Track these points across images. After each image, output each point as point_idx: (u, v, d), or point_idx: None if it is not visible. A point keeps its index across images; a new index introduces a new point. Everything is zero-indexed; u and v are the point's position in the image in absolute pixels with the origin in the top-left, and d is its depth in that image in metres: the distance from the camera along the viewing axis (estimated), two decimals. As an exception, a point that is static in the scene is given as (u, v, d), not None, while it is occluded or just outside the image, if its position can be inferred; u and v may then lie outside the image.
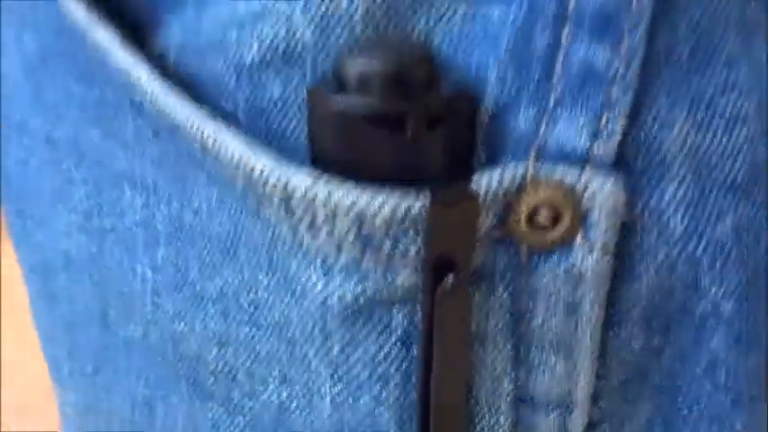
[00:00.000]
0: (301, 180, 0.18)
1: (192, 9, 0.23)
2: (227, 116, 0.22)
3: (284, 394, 0.22)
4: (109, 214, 0.26)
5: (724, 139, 0.19)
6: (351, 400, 0.21)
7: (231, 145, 0.19)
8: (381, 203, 0.17)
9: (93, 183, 0.26)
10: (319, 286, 0.19)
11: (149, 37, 0.24)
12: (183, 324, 0.24)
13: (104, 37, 0.23)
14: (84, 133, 0.25)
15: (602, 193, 0.18)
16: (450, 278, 0.18)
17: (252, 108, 0.21)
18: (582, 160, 0.18)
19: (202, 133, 0.20)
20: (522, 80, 0.18)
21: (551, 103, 0.18)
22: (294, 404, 0.22)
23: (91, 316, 0.28)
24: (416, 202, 0.17)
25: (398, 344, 0.20)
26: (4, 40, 0.28)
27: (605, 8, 0.18)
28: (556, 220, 0.18)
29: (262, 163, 0.18)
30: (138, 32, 0.24)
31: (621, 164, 0.19)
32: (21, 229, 0.30)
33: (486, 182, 0.18)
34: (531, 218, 0.18)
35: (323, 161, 0.18)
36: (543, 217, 0.18)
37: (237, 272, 0.22)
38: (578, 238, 0.19)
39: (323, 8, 0.20)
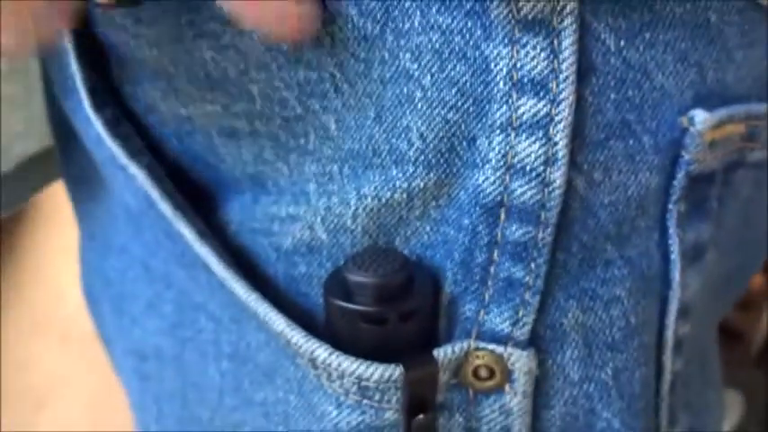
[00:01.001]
0: (321, 352, 0.27)
1: (249, 195, 0.32)
2: (268, 279, 0.31)
3: None
4: (189, 329, 0.35)
5: (603, 315, 0.28)
6: None
7: (276, 320, 0.28)
8: (372, 371, 0.26)
9: (178, 304, 0.35)
10: (333, 414, 0.28)
11: (214, 209, 0.33)
12: (239, 415, 0.33)
13: (177, 218, 0.31)
14: (173, 270, 0.35)
15: (520, 360, 0.27)
16: (420, 417, 0.27)
17: (286, 276, 0.30)
18: (506, 339, 0.27)
19: (254, 305, 0.29)
20: (468, 282, 0.27)
21: (486, 301, 0.27)
22: None
23: (173, 394, 0.37)
24: (396, 370, 0.26)
25: None
26: (112, 190, 0.37)
27: (521, 239, 0.26)
28: (491, 374, 0.27)
29: (297, 337, 0.27)
30: (201, 201, 0.33)
31: (534, 339, 0.27)
32: (117, 322, 0.40)
33: (443, 353, 0.27)
34: (475, 372, 0.27)
35: (334, 333, 0.27)
36: (482, 372, 0.27)
37: (275, 391, 0.31)
38: (507, 387, 0.28)
39: (335, 222, 0.28)
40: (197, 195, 0.33)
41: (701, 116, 0.26)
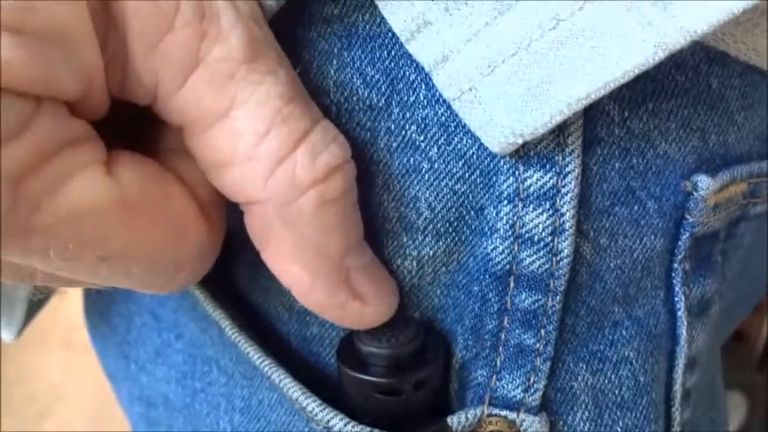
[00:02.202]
0: (337, 422, 0.27)
1: (255, 254, 0.32)
2: (281, 337, 0.31)
3: None
4: (200, 380, 0.35)
5: (612, 376, 0.28)
6: None
7: (291, 387, 0.28)
8: None
9: (189, 355, 0.35)
10: None
11: (226, 264, 0.33)
12: None
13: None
14: (183, 322, 0.35)
15: (532, 426, 0.27)
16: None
17: (299, 335, 0.31)
18: (519, 405, 0.27)
19: (268, 371, 0.29)
20: (479, 348, 0.27)
21: (498, 367, 0.27)
22: None
23: (184, 442, 0.38)
24: None
25: None
26: None
27: (530, 307, 0.26)
28: None
29: (312, 405, 0.28)
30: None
31: (545, 403, 0.28)
32: (125, 367, 0.40)
33: (456, 420, 0.27)
34: (489, 437, 0.28)
35: (348, 400, 0.28)
36: (496, 437, 0.28)
37: None
38: (520, 451, 0.28)
39: None
40: None
41: (704, 182, 0.27)
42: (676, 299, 0.29)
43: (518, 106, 0.23)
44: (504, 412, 0.27)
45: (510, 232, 0.26)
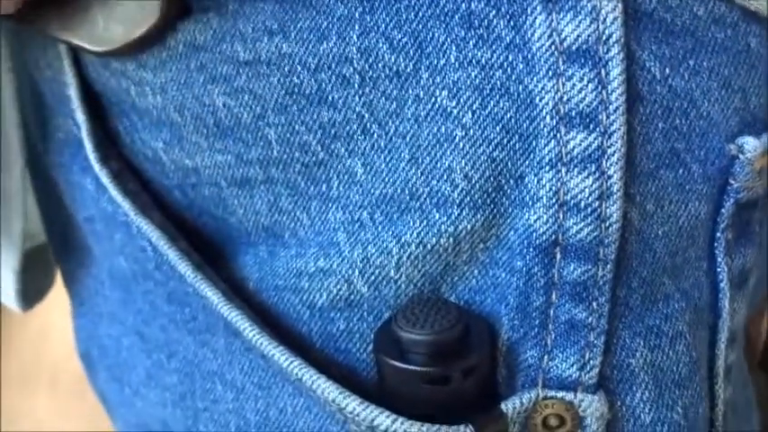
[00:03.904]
0: (384, 419, 0.25)
1: (263, 249, 0.29)
2: (302, 339, 0.29)
3: None
4: (202, 399, 0.32)
5: (670, 352, 0.27)
6: None
7: (326, 387, 0.26)
8: None
9: (186, 374, 0.32)
10: None
11: (224, 267, 0.31)
12: None
13: (200, 279, 0.29)
14: (176, 338, 0.32)
15: (591, 406, 0.25)
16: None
17: (323, 333, 0.28)
18: (575, 384, 0.25)
19: (298, 371, 0.26)
20: (527, 328, 0.25)
21: (549, 346, 0.25)
22: None
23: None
24: (466, 431, 0.25)
25: None
26: (98, 254, 0.34)
27: (580, 279, 0.25)
28: (562, 422, 0.26)
29: (352, 404, 0.25)
30: (212, 257, 0.31)
31: (602, 382, 0.26)
32: (118, 391, 0.37)
33: (511, 406, 0.25)
34: (545, 422, 0.26)
35: (390, 394, 0.25)
36: (552, 422, 0.26)
37: None
38: (578, 434, 0.26)
39: (375, 273, 0.26)
40: (202, 251, 0.31)
41: (751, 144, 0.26)
42: (719, 269, 0.28)
43: None
44: (560, 393, 0.25)
45: (554, 200, 0.24)
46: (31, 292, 0.38)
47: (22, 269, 0.35)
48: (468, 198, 0.25)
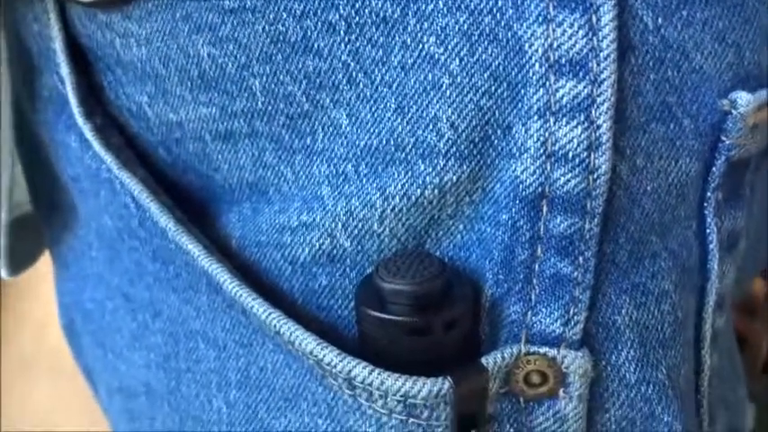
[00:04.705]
0: (360, 371, 0.24)
1: (248, 206, 0.29)
2: (282, 294, 0.28)
3: None
4: (185, 359, 0.32)
5: (655, 311, 0.26)
6: None
7: (304, 339, 0.25)
8: (420, 387, 0.24)
9: (170, 334, 0.32)
10: None
11: (209, 224, 0.30)
12: None
13: (181, 233, 0.29)
14: (161, 297, 0.31)
15: (574, 363, 0.25)
16: (473, 432, 0.24)
17: (305, 289, 0.28)
18: (558, 340, 0.25)
19: (277, 324, 0.26)
20: (511, 283, 0.25)
21: (533, 301, 0.25)
22: None
23: (169, 432, 0.34)
24: (445, 384, 0.24)
25: None
26: (84, 214, 0.34)
27: (566, 232, 0.24)
28: (544, 379, 0.25)
29: (330, 356, 0.25)
30: (192, 216, 0.31)
31: (587, 339, 0.25)
32: (101, 357, 0.36)
33: (492, 360, 0.25)
34: (526, 379, 0.25)
35: (370, 347, 0.25)
36: (534, 379, 0.25)
37: (299, 416, 0.28)
38: (561, 392, 0.25)
39: (359, 227, 0.26)
40: (186, 210, 0.31)
41: (744, 98, 0.25)
42: (708, 230, 0.27)
43: None
44: (542, 349, 0.25)
45: (541, 150, 0.24)
46: (19, 258, 0.38)
47: (9, 235, 0.35)
48: (455, 148, 0.24)
